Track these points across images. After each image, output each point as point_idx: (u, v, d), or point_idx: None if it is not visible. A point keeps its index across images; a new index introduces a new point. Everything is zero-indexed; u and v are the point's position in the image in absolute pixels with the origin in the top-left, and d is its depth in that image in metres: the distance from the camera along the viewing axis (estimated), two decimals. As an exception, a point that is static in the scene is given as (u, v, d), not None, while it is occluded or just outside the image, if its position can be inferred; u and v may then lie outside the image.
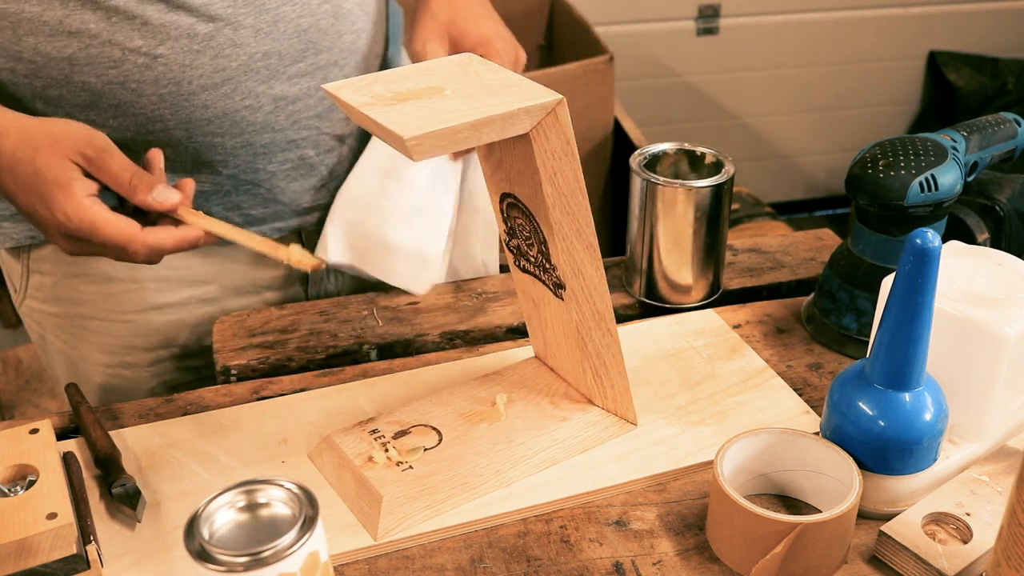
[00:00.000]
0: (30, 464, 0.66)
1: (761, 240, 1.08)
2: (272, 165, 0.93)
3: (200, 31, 0.83)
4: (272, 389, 0.85)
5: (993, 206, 0.90)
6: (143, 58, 0.83)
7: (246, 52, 0.86)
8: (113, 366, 0.99)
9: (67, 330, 0.99)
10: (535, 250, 0.72)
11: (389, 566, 0.68)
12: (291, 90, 0.90)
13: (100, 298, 0.96)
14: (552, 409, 0.78)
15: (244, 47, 0.86)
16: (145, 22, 0.82)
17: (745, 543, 0.65)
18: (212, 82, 0.86)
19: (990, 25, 2.89)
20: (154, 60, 0.83)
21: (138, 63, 0.83)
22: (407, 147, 0.58)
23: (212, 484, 0.74)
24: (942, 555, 0.64)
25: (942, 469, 0.71)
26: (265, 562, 0.51)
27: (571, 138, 0.65)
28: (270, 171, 0.93)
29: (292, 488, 0.54)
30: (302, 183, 0.96)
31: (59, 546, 0.62)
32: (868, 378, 0.68)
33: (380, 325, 0.93)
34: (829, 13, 2.77)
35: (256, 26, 0.86)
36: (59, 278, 0.96)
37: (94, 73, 0.83)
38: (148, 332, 0.98)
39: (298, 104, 0.91)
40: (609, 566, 0.67)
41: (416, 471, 0.72)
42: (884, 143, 0.86)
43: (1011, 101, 2.83)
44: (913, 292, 0.63)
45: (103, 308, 0.96)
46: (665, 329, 0.91)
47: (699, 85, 2.79)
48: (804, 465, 0.70)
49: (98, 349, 0.99)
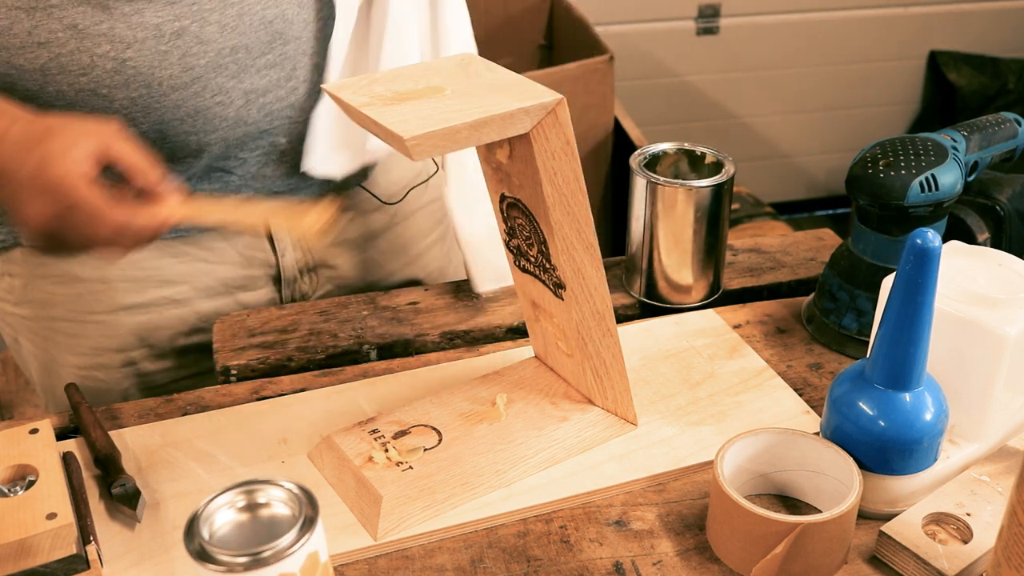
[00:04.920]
0: (30, 464, 0.66)
1: (761, 240, 1.08)
2: (244, 153, 0.93)
3: (166, 30, 0.83)
4: (272, 389, 0.85)
5: (993, 206, 0.90)
6: (111, 62, 0.83)
7: (214, 48, 0.86)
8: (85, 368, 0.99)
9: (38, 332, 0.99)
10: (535, 250, 0.72)
11: (389, 566, 0.68)
12: (261, 82, 0.89)
13: (70, 299, 0.96)
14: (552, 409, 0.78)
15: (211, 43, 0.85)
16: (112, 26, 0.82)
17: (745, 543, 0.65)
18: (182, 81, 0.86)
19: (990, 25, 2.89)
20: (123, 64, 0.83)
21: (107, 68, 0.83)
22: (407, 147, 0.58)
23: (212, 484, 0.74)
24: (942, 555, 0.64)
25: (942, 469, 0.71)
26: (265, 562, 0.51)
27: (571, 138, 0.65)
28: (241, 158, 0.93)
29: (292, 488, 0.54)
30: (274, 168, 0.96)
31: (59, 546, 0.62)
32: (868, 378, 0.68)
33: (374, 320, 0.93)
34: (829, 13, 2.77)
35: (222, 21, 0.85)
36: (28, 280, 0.96)
37: (66, 82, 0.83)
38: (119, 333, 0.97)
39: (268, 96, 0.90)
40: (609, 566, 0.67)
41: (416, 471, 0.72)
42: (884, 143, 0.86)
43: (1011, 101, 2.83)
44: (913, 292, 0.63)
45: (73, 309, 0.96)
46: (665, 329, 0.91)
47: (699, 85, 2.79)
48: (804, 465, 0.70)
49: (69, 351, 0.98)
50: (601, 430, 0.77)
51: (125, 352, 0.98)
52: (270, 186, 0.97)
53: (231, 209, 0.82)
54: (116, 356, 0.98)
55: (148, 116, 0.86)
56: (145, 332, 0.98)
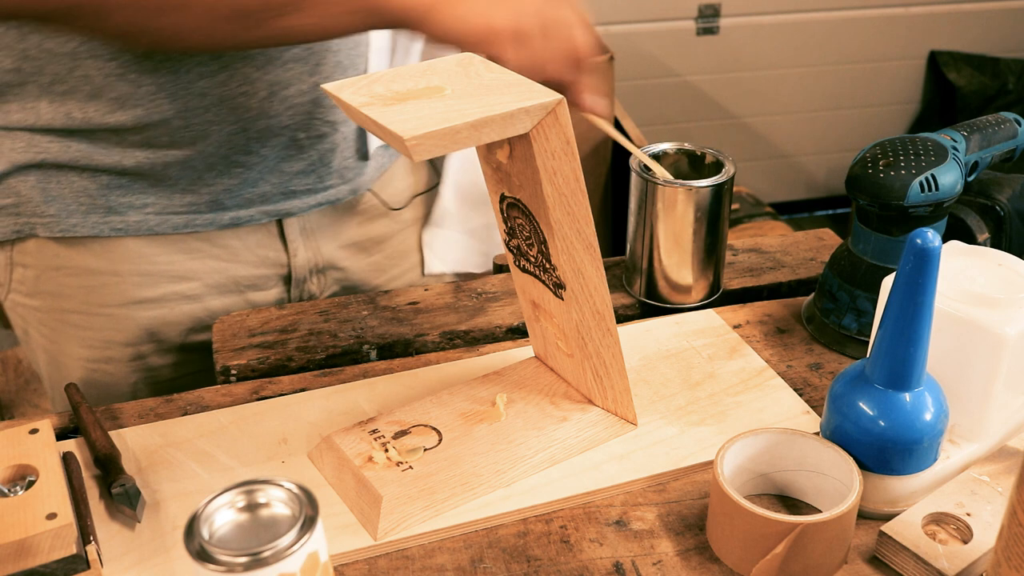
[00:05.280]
0: (30, 464, 0.66)
1: (761, 240, 1.08)
2: (264, 149, 0.93)
3: None
4: (272, 389, 0.85)
5: (993, 206, 0.90)
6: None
7: None
8: (94, 361, 0.99)
9: (49, 324, 0.99)
10: (535, 250, 0.72)
11: (389, 566, 0.68)
12: (285, 75, 0.90)
13: (82, 291, 0.96)
14: (552, 409, 0.78)
15: None
16: None
17: (745, 543, 0.65)
18: (209, 69, 0.86)
19: (990, 25, 2.89)
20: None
21: (136, 54, 0.83)
22: (407, 147, 0.58)
23: (212, 484, 0.74)
24: (942, 555, 0.64)
25: (942, 469, 0.71)
26: (265, 562, 0.51)
27: (571, 138, 0.65)
28: (262, 154, 0.93)
29: (292, 488, 0.54)
30: (290, 165, 0.96)
31: (59, 546, 0.62)
32: (868, 378, 0.68)
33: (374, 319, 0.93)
34: (829, 13, 2.77)
35: None
36: (41, 271, 0.96)
37: (95, 66, 0.84)
38: (129, 327, 0.98)
39: (291, 89, 0.91)
40: (609, 566, 0.67)
41: (416, 471, 0.72)
42: (884, 143, 0.86)
43: (1011, 101, 2.83)
44: (913, 292, 0.63)
45: (84, 301, 0.97)
46: (665, 329, 0.91)
47: (699, 85, 2.79)
48: (804, 465, 0.70)
49: (79, 344, 0.99)
50: (601, 430, 0.77)
51: (134, 346, 0.99)
52: (287, 183, 0.97)
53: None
54: (125, 350, 0.99)
55: (173, 103, 0.86)
56: (155, 327, 0.98)
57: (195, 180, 0.93)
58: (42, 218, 0.92)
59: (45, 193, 0.91)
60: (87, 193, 0.92)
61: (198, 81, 0.86)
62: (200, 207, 0.95)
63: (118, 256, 0.95)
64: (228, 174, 0.94)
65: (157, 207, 0.94)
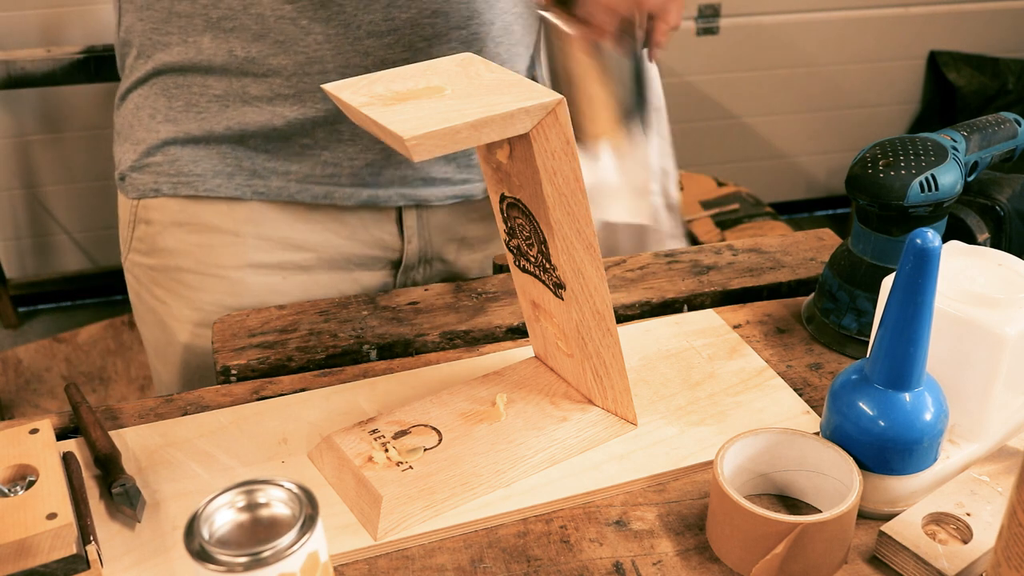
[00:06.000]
0: (30, 464, 0.66)
1: (761, 240, 1.08)
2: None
3: None
4: (272, 389, 0.85)
5: (993, 206, 0.90)
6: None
7: (417, 6, 0.86)
8: (201, 325, 0.99)
9: (162, 284, 0.99)
10: (535, 250, 0.73)
11: (389, 566, 0.68)
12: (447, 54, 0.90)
13: (200, 250, 0.96)
14: (552, 409, 0.78)
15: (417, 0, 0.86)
16: None
17: (745, 543, 0.65)
18: (379, 30, 0.86)
19: (990, 25, 2.89)
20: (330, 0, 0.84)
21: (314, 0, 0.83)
22: (407, 147, 0.58)
23: (212, 484, 0.74)
24: (942, 555, 0.64)
25: (942, 469, 0.71)
26: (265, 562, 0.51)
27: (571, 138, 0.65)
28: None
29: (292, 488, 0.54)
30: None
31: (59, 546, 0.62)
32: (868, 378, 0.68)
33: (372, 318, 0.93)
34: (829, 13, 2.77)
35: None
36: (163, 228, 0.96)
37: (270, 6, 0.84)
38: (240, 292, 0.98)
39: None
40: (609, 566, 0.67)
41: (416, 471, 0.72)
42: (884, 143, 0.86)
43: (1011, 101, 2.83)
44: (913, 292, 0.63)
45: (200, 261, 0.97)
46: (665, 329, 0.91)
47: (699, 85, 2.79)
48: (804, 465, 0.70)
49: (188, 305, 0.99)
50: (601, 430, 0.77)
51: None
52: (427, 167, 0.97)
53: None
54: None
55: (336, 55, 0.86)
56: (264, 295, 0.99)
57: (339, 151, 0.93)
58: (187, 177, 0.93)
59: (194, 153, 0.92)
60: (234, 155, 0.92)
61: (366, 39, 0.86)
62: (341, 180, 0.95)
63: (241, 217, 0.95)
64: (372, 149, 0.94)
65: (299, 175, 0.94)
